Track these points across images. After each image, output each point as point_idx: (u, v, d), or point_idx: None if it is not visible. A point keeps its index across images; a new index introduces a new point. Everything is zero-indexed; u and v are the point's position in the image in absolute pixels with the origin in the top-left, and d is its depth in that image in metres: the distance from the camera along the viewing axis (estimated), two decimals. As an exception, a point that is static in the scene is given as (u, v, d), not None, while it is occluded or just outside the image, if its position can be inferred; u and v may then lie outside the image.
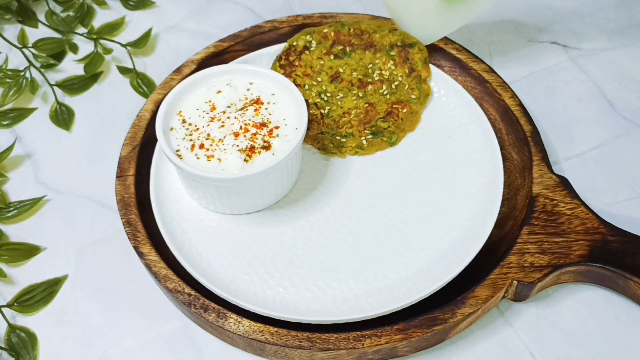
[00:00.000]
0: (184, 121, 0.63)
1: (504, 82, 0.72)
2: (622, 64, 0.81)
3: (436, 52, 0.75)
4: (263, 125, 0.62)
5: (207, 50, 0.75)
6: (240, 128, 0.61)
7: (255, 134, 0.61)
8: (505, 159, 0.68)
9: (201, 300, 0.58)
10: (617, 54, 0.82)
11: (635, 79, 0.79)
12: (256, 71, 0.65)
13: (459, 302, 0.57)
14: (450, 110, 0.71)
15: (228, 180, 0.58)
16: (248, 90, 0.65)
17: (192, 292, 0.58)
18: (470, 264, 0.59)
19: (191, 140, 0.61)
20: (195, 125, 0.62)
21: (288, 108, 0.63)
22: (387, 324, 0.56)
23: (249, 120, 0.62)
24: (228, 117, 0.62)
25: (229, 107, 0.63)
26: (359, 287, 0.59)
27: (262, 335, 0.56)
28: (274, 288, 0.59)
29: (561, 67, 0.81)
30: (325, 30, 0.71)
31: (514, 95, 0.71)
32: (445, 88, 0.72)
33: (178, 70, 0.74)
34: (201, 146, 0.60)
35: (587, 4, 0.88)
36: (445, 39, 0.75)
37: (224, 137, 0.61)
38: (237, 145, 0.60)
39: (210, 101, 0.64)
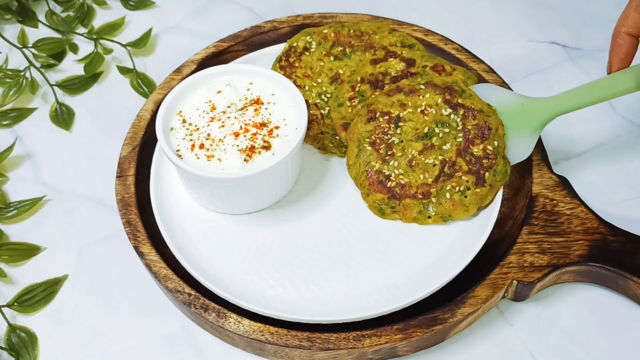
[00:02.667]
0: (184, 121, 0.63)
1: (504, 82, 0.72)
2: (622, 64, 0.81)
3: (436, 52, 0.75)
4: (263, 125, 0.62)
5: (207, 50, 0.75)
6: (241, 128, 0.61)
7: (255, 134, 0.61)
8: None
9: (201, 300, 0.58)
10: (617, 54, 0.82)
11: (635, 79, 0.79)
12: (256, 71, 0.65)
13: (459, 302, 0.57)
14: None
15: (228, 180, 0.58)
16: (248, 90, 0.65)
17: (192, 292, 0.58)
18: (470, 264, 0.59)
19: (191, 140, 0.61)
20: (196, 125, 0.62)
21: (288, 108, 0.63)
22: (387, 323, 0.56)
23: (249, 120, 0.62)
24: (228, 117, 0.62)
25: (229, 107, 0.63)
26: (359, 286, 0.59)
27: (262, 335, 0.56)
28: (274, 288, 0.59)
29: (561, 67, 0.81)
30: (325, 31, 0.71)
31: (514, 95, 0.71)
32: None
33: (178, 70, 0.74)
34: (201, 146, 0.61)
35: (587, 4, 0.88)
36: (445, 39, 0.75)
37: (224, 137, 0.61)
38: (237, 145, 0.60)
39: (210, 101, 0.64)
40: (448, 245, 0.61)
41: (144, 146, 0.68)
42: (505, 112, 0.63)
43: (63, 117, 0.77)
